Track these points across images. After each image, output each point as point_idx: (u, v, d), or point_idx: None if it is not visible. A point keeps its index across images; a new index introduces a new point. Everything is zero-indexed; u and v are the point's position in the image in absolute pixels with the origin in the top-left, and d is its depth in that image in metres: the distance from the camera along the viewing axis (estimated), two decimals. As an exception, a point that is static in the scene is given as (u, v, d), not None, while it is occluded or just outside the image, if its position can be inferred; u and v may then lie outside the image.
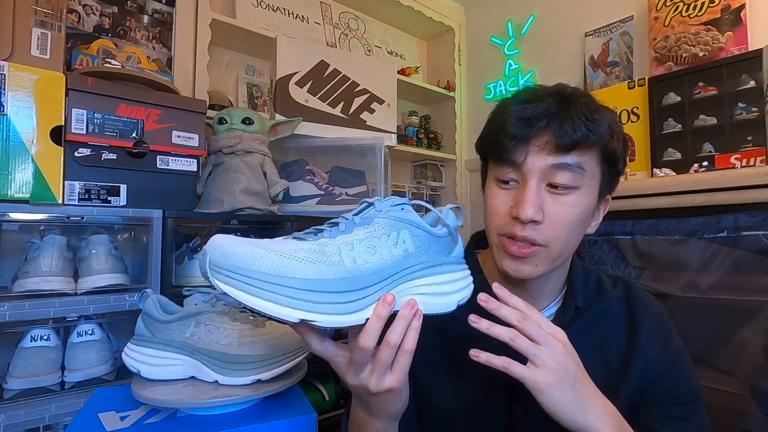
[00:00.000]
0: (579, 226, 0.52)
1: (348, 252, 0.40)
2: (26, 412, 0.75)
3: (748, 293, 0.94)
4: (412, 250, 0.43)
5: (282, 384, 0.58)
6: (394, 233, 0.42)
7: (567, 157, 0.49)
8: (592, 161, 0.51)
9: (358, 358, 0.41)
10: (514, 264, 0.52)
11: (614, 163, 0.52)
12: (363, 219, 0.43)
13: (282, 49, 1.25)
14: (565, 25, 1.87)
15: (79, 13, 1.29)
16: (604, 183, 0.53)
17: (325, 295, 0.37)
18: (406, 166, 2.32)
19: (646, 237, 1.10)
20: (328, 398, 1.14)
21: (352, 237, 0.41)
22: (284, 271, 0.36)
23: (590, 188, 0.51)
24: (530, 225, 0.50)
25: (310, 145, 1.29)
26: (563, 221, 0.50)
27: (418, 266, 0.43)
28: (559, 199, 0.50)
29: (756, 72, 1.25)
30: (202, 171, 1.05)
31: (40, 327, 0.82)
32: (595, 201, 0.53)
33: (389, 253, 0.41)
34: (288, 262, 0.37)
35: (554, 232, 0.50)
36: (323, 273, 0.38)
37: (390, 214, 0.43)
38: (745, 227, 0.95)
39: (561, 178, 0.50)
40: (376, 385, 0.42)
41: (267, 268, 0.36)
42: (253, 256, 0.36)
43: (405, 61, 2.27)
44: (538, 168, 0.50)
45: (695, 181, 1.04)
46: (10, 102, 0.79)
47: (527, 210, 0.49)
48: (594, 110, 0.50)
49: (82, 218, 0.86)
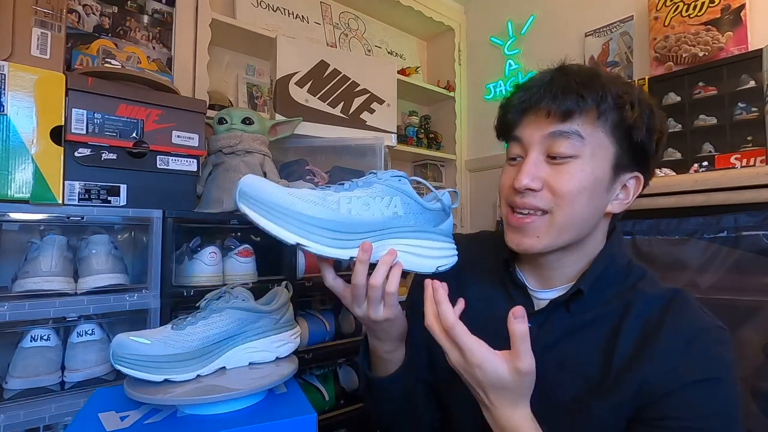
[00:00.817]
0: (585, 196, 0.51)
1: (345, 204, 0.50)
2: (26, 412, 0.75)
3: (748, 293, 0.94)
4: (401, 214, 0.52)
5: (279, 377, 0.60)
6: (387, 197, 0.52)
7: (562, 125, 0.50)
8: (597, 130, 0.51)
9: (354, 293, 0.52)
10: (516, 237, 0.55)
11: (630, 132, 0.51)
12: (365, 182, 0.53)
13: (282, 49, 1.25)
14: (565, 25, 1.87)
15: (79, 13, 1.29)
16: (622, 155, 0.52)
17: (319, 230, 0.48)
18: (406, 166, 2.32)
19: (646, 237, 1.10)
20: (328, 398, 1.14)
21: (352, 194, 0.51)
22: (292, 206, 0.47)
23: (595, 157, 0.51)
24: (528, 193, 0.52)
25: (310, 145, 1.29)
26: (563, 189, 0.50)
27: (405, 228, 0.52)
28: (559, 168, 0.51)
29: (756, 72, 1.25)
30: (202, 171, 1.05)
31: (40, 327, 0.82)
32: (605, 172, 0.52)
33: (380, 212, 0.51)
34: (296, 200, 0.47)
35: (555, 200, 0.51)
36: (321, 213, 0.48)
37: (387, 182, 0.52)
38: (745, 227, 0.95)
39: (558, 147, 0.51)
40: (374, 315, 0.52)
41: (280, 200, 0.47)
42: (271, 191, 0.47)
43: (405, 61, 2.27)
44: (536, 138, 0.52)
45: (695, 181, 1.04)
46: (10, 102, 0.79)
47: (522, 179, 0.51)
48: (589, 78, 0.51)
49: (82, 218, 0.86)
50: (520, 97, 0.54)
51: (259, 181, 0.48)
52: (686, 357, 0.47)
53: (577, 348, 0.53)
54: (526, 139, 0.53)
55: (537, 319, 0.56)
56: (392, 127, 1.41)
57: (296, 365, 0.65)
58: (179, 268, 0.97)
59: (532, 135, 0.53)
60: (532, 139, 0.53)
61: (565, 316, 0.55)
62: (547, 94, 0.51)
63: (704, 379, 0.46)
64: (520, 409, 0.47)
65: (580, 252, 0.56)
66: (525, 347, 0.44)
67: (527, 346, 0.44)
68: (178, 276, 0.96)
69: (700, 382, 0.45)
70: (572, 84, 0.50)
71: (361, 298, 0.52)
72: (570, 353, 0.53)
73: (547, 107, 0.50)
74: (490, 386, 0.45)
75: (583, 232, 0.54)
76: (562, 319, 0.55)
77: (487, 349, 0.45)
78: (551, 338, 0.54)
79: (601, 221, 0.56)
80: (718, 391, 0.45)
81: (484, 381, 0.45)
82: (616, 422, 0.48)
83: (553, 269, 0.57)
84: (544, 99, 0.51)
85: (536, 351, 0.50)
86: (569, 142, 0.50)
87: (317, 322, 1.16)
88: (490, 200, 2.06)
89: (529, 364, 0.44)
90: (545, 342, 0.54)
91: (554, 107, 0.50)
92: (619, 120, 0.50)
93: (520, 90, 0.55)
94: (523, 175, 0.51)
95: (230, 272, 1.01)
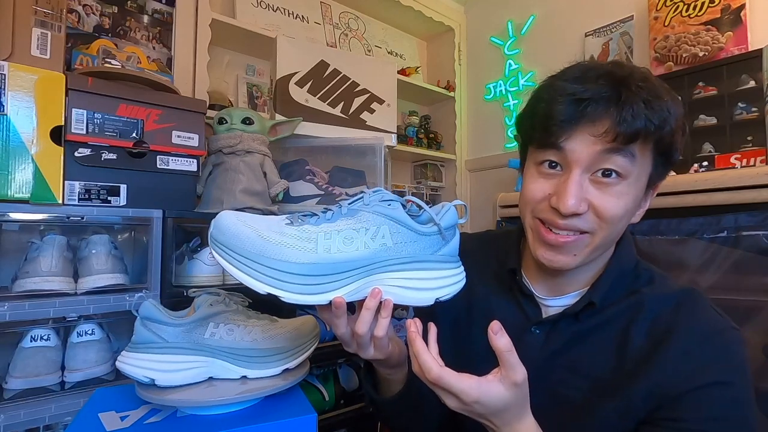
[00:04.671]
0: (625, 217, 0.49)
1: (324, 240, 0.44)
2: (26, 412, 0.75)
3: (748, 293, 0.94)
4: (391, 245, 0.46)
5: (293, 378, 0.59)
6: (374, 227, 0.45)
7: (624, 146, 0.45)
8: (647, 151, 0.47)
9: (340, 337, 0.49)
10: (549, 254, 0.51)
11: (669, 154, 0.49)
12: (349, 210, 0.47)
13: (282, 49, 1.25)
14: (565, 25, 1.87)
15: (79, 13, 1.29)
16: (655, 173, 0.50)
17: (292, 276, 0.43)
18: (406, 166, 2.32)
19: (646, 237, 1.10)
20: (328, 398, 1.14)
21: (333, 227, 0.45)
22: (263, 251, 0.43)
23: (639, 178, 0.48)
24: (572, 216, 0.47)
25: (310, 145, 1.29)
26: (610, 213, 0.47)
27: (395, 260, 0.46)
28: (605, 190, 0.47)
29: (756, 72, 1.25)
30: (202, 171, 1.05)
31: (40, 327, 0.82)
32: (642, 191, 0.50)
33: (365, 245, 0.45)
34: (267, 244, 0.44)
35: (600, 223, 0.48)
36: (295, 257, 0.44)
37: (374, 209, 0.46)
38: (745, 227, 0.95)
39: (609, 165, 0.46)
40: (364, 355, 0.50)
41: (250, 247, 0.43)
42: (240, 236, 0.44)
43: (405, 61, 2.27)
44: (585, 155, 0.46)
45: (695, 181, 1.04)
46: (10, 102, 0.79)
47: (568, 202, 0.46)
48: (655, 97, 0.45)
49: (82, 218, 0.86)
50: (571, 105, 0.46)
51: (228, 225, 0.45)
52: (699, 359, 0.46)
53: (586, 351, 0.52)
54: (573, 154, 0.47)
55: (545, 326, 0.56)
56: (392, 127, 1.41)
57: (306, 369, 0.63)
58: (179, 268, 0.97)
59: (583, 150, 0.46)
60: (581, 155, 0.47)
61: (573, 323, 0.54)
62: (612, 109, 0.45)
63: (717, 383, 0.45)
64: (525, 419, 0.46)
65: (599, 261, 0.55)
66: (514, 359, 0.42)
67: (515, 357, 0.42)
68: (178, 276, 0.96)
69: (712, 385, 0.45)
70: (640, 103, 0.44)
71: (348, 343, 0.50)
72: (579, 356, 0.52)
73: (613, 127, 0.44)
74: (493, 413, 0.44)
75: (611, 246, 0.53)
76: (570, 326, 0.54)
77: (478, 383, 0.42)
78: (559, 343, 0.54)
79: None
80: (730, 395, 0.45)
81: (487, 412, 0.44)
82: (625, 424, 0.48)
83: (568, 278, 0.56)
84: (607, 114, 0.45)
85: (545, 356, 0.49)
86: (622, 162, 0.46)
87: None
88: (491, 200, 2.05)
89: (522, 375, 0.42)
90: (553, 347, 0.54)
91: (621, 128, 0.44)
92: (668, 140, 0.47)
93: (566, 94, 0.47)
94: (570, 198, 0.46)
95: (230, 272, 1.01)
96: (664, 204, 1.08)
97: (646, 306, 0.51)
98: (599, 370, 0.50)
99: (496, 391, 0.42)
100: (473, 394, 0.42)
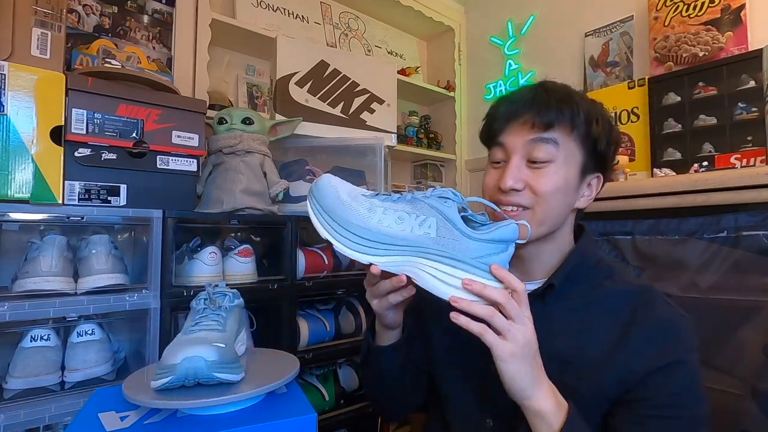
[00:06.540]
0: (560, 194, 0.60)
1: (380, 213, 0.53)
2: (26, 412, 0.75)
3: (748, 293, 0.94)
4: (434, 236, 0.51)
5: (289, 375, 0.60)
6: (423, 216, 0.52)
7: (543, 133, 0.59)
8: (569, 140, 0.60)
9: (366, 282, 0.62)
10: None
11: (594, 144, 0.61)
12: (412, 198, 0.54)
13: (282, 49, 1.25)
14: (565, 25, 1.87)
15: (79, 13, 1.29)
16: (587, 161, 0.62)
17: (347, 232, 0.53)
18: (406, 166, 2.32)
19: (646, 237, 1.10)
20: (328, 398, 1.14)
21: (393, 206, 0.53)
22: (334, 207, 0.54)
23: (568, 163, 0.60)
24: (513, 192, 0.60)
25: (310, 145, 1.29)
26: (542, 188, 0.59)
27: (435, 251, 0.51)
28: (538, 171, 0.60)
29: (756, 72, 1.25)
30: (202, 171, 1.05)
31: (40, 327, 0.82)
32: (574, 175, 0.61)
33: (411, 229, 0.52)
34: (340, 204, 0.53)
35: (536, 198, 0.60)
36: (354, 218, 0.53)
37: (429, 201, 0.53)
38: (745, 227, 0.95)
39: (538, 152, 0.59)
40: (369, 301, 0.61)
41: (329, 205, 0.54)
42: (325, 194, 0.55)
43: (405, 61, 2.27)
44: (519, 144, 0.60)
45: (695, 181, 1.04)
46: (10, 102, 0.79)
47: (507, 181, 0.60)
48: (565, 97, 0.60)
49: (82, 218, 0.86)
50: (506, 108, 0.62)
51: (323, 183, 0.56)
52: (659, 343, 0.55)
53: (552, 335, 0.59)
54: (510, 145, 0.61)
55: None
56: (392, 127, 1.41)
57: (298, 366, 0.65)
58: (179, 268, 0.97)
59: (516, 141, 0.61)
60: (515, 145, 0.61)
61: (540, 306, 0.60)
62: (532, 107, 0.59)
63: (676, 362, 0.54)
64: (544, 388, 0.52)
65: (553, 244, 0.64)
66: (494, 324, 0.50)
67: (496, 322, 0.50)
68: (178, 276, 0.96)
69: (672, 365, 0.54)
70: (552, 100, 0.59)
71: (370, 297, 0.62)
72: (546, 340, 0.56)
73: (532, 118, 0.59)
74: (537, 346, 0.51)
75: (557, 224, 0.63)
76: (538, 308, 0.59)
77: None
78: None
79: (569, 215, 0.65)
80: (688, 372, 0.54)
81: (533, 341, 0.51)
82: (600, 403, 0.56)
83: (533, 260, 0.65)
84: (528, 111, 0.59)
85: None
86: (547, 148, 0.59)
87: (317, 322, 1.16)
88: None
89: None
90: None
91: (537, 119, 0.59)
92: (587, 132, 0.60)
93: (504, 102, 0.64)
94: (508, 177, 0.60)
95: (230, 272, 1.01)
96: (664, 204, 1.07)
97: (607, 298, 0.60)
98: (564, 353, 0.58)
99: None
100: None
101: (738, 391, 0.93)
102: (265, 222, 1.13)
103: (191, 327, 0.60)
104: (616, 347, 0.56)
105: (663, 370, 0.54)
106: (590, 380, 0.56)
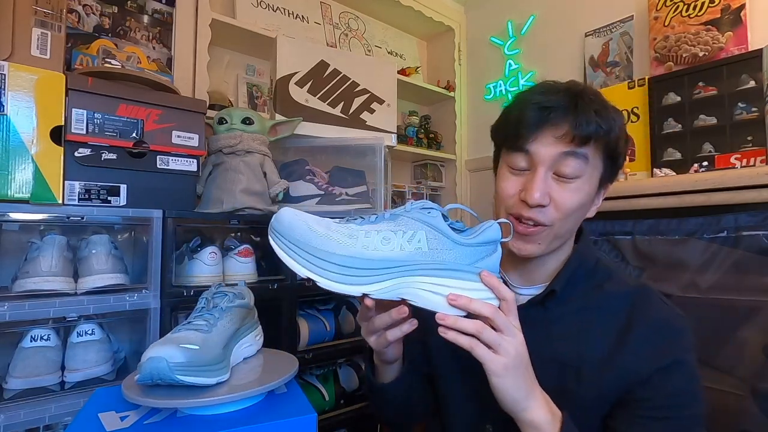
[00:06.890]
0: (580, 210, 0.58)
1: (364, 238, 0.48)
2: (26, 412, 0.75)
3: (748, 293, 0.94)
4: (426, 250, 0.48)
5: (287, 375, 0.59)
6: (410, 231, 0.49)
7: (578, 147, 0.54)
8: (597, 154, 0.56)
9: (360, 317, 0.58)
10: (519, 243, 0.59)
11: (615, 158, 0.58)
12: (392, 215, 0.50)
13: (282, 49, 1.25)
14: (565, 25, 1.87)
15: (79, 13, 1.29)
16: (605, 174, 0.59)
17: (330, 265, 0.47)
18: (406, 166, 2.32)
19: (646, 237, 1.10)
20: (328, 398, 1.14)
21: (374, 227, 0.49)
22: (309, 241, 0.48)
23: (592, 177, 0.57)
24: (536, 208, 0.56)
25: (310, 145, 1.29)
26: (567, 206, 0.56)
27: (429, 265, 0.48)
28: (564, 186, 0.56)
29: (756, 72, 1.25)
30: (202, 171, 1.05)
31: (40, 327, 0.82)
32: (595, 189, 0.59)
33: (401, 247, 0.48)
34: (314, 235, 0.48)
35: (558, 215, 0.56)
36: (336, 249, 0.48)
37: (413, 215, 0.50)
38: (745, 227, 0.95)
39: (568, 167, 0.55)
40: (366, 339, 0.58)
41: (302, 239, 0.48)
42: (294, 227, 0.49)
43: (405, 61, 2.27)
44: (548, 156, 0.55)
45: (695, 181, 1.04)
46: (10, 102, 0.79)
47: (534, 194, 0.55)
48: (603, 108, 0.56)
49: (82, 218, 0.86)
50: (536, 114, 0.55)
51: (287, 217, 0.50)
52: (655, 346, 0.55)
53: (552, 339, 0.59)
54: (538, 155, 0.56)
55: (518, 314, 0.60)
56: (392, 127, 1.41)
57: (297, 366, 0.65)
58: (179, 268, 0.97)
59: (546, 152, 0.55)
60: (544, 156, 0.55)
61: (540, 311, 0.61)
62: (570, 116, 0.54)
63: (675, 362, 0.53)
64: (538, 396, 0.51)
65: (559, 253, 0.63)
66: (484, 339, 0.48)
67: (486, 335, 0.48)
68: (178, 276, 0.96)
69: (672, 365, 0.53)
70: (592, 112, 0.54)
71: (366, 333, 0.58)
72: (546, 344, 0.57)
73: (571, 131, 0.54)
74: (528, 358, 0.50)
75: (569, 237, 0.62)
76: (539, 314, 0.61)
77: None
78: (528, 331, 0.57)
79: None
80: (687, 371, 0.54)
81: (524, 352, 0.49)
82: (600, 405, 0.56)
83: (538, 267, 0.63)
84: (565, 121, 0.54)
85: None
86: (577, 164, 0.55)
87: (317, 322, 1.16)
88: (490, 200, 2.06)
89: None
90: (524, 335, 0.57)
91: (576, 131, 0.53)
92: (615, 148, 0.57)
93: (533, 105, 0.56)
94: (536, 192, 0.55)
95: (230, 272, 1.01)
96: (664, 204, 1.08)
97: (606, 301, 0.59)
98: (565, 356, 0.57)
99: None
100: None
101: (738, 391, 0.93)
102: (265, 222, 1.13)
103: (180, 326, 0.60)
104: (615, 349, 0.56)
105: (662, 370, 0.53)
106: (590, 383, 0.55)
